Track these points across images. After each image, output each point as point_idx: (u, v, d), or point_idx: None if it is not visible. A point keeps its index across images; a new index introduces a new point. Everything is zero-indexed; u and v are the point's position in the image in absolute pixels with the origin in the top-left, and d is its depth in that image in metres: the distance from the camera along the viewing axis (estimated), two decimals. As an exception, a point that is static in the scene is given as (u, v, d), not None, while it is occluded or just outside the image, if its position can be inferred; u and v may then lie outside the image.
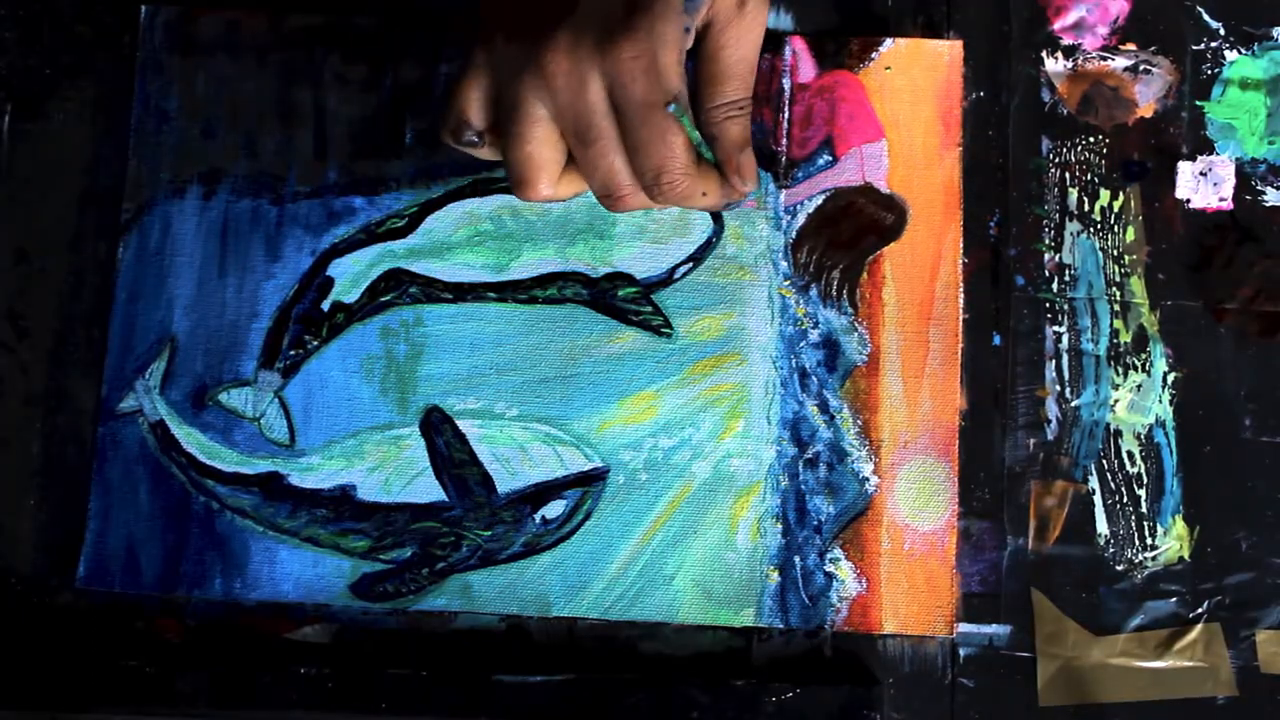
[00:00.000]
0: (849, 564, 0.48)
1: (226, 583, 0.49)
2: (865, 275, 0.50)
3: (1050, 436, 0.49)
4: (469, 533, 0.49)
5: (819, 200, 0.50)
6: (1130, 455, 0.49)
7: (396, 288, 0.50)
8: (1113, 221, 0.50)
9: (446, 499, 0.49)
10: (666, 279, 0.50)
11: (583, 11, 0.39)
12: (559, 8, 0.39)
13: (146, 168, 0.51)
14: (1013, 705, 0.48)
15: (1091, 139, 0.51)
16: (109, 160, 0.51)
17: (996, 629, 0.48)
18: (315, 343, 0.50)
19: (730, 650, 0.49)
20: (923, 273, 0.50)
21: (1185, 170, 0.50)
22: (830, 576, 0.48)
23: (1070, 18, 0.51)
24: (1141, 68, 0.51)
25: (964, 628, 0.48)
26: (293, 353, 0.50)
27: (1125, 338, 0.50)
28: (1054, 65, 0.51)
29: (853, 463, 0.49)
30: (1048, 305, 0.50)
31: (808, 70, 0.51)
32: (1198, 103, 0.51)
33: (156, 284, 0.50)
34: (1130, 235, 0.50)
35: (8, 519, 0.49)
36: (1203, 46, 0.51)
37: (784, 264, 0.50)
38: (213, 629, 0.49)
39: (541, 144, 0.40)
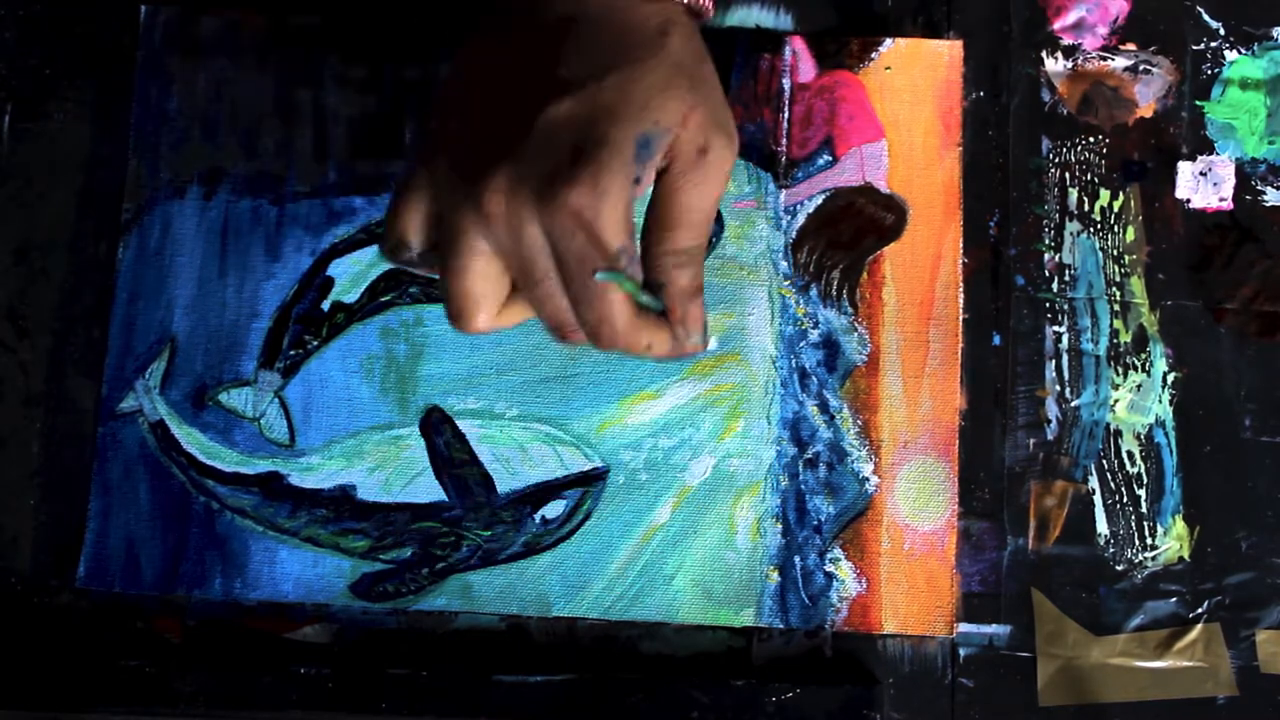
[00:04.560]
0: (849, 564, 0.48)
1: (226, 583, 0.49)
2: (865, 275, 0.50)
3: (1050, 436, 0.49)
4: (469, 533, 0.49)
5: (819, 200, 0.50)
6: (1130, 455, 0.49)
7: (396, 287, 0.50)
8: (1113, 221, 0.50)
9: (446, 499, 0.49)
10: (666, 279, 0.50)
11: (528, 151, 0.36)
12: (503, 143, 0.36)
13: (146, 168, 0.51)
14: (1013, 705, 0.48)
15: (1091, 139, 0.51)
16: (109, 160, 0.51)
17: (996, 629, 0.48)
18: (315, 343, 0.50)
19: (730, 650, 0.49)
20: (923, 273, 0.50)
21: (1185, 170, 0.50)
22: (830, 576, 0.48)
23: (1070, 18, 0.51)
24: (1141, 68, 0.51)
25: (964, 628, 0.48)
26: (293, 353, 0.50)
27: (1125, 338, 0.50)
28: (1054, 65, 0.51)
29: (853, 463, 0.49)
30: (1048, 305, 0.50)
31: (808, 70, 0.51)
32: (1198, 103, 0.51)
33: (156, 284, 0.50)
34: (1130, 235, 0.50)
35: (8, 519, 0.49)
36: (1203, 46, 0.51)
37: (784, 264, 0.50)
38: (213, 629, 0.49)
39: (480, 278, 0.37)
